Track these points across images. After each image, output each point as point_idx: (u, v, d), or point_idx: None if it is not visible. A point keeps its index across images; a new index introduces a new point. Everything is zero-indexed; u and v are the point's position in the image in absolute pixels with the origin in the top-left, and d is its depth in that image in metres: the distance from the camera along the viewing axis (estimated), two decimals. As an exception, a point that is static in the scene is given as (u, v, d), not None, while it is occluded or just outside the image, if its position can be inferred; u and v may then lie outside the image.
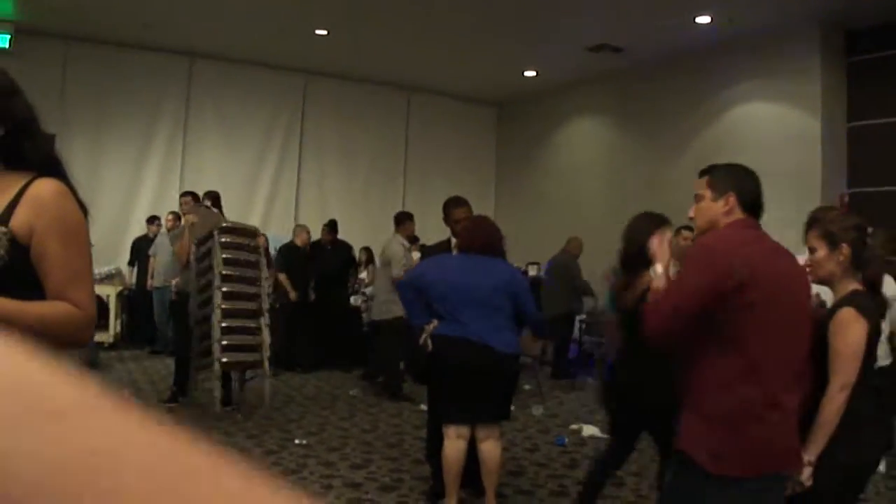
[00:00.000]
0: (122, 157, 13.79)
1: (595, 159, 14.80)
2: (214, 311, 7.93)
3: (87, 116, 13.31)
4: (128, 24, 12.57)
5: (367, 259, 13.24)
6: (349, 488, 5.96)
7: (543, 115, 16.01)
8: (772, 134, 11.51)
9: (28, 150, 2.16)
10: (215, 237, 8.07)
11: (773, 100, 11.69)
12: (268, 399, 8.33)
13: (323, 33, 12.64)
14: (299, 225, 12.45)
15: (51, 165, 2.21)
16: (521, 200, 16.25)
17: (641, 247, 4.20)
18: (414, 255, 11.27)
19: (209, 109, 14.53)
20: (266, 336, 8.28)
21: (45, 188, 2.12)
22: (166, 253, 11.74)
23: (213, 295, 7.97)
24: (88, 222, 2.23)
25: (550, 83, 15.14)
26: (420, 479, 6.19)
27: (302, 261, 11.49)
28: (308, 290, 11.53)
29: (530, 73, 14.71)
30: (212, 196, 9.21)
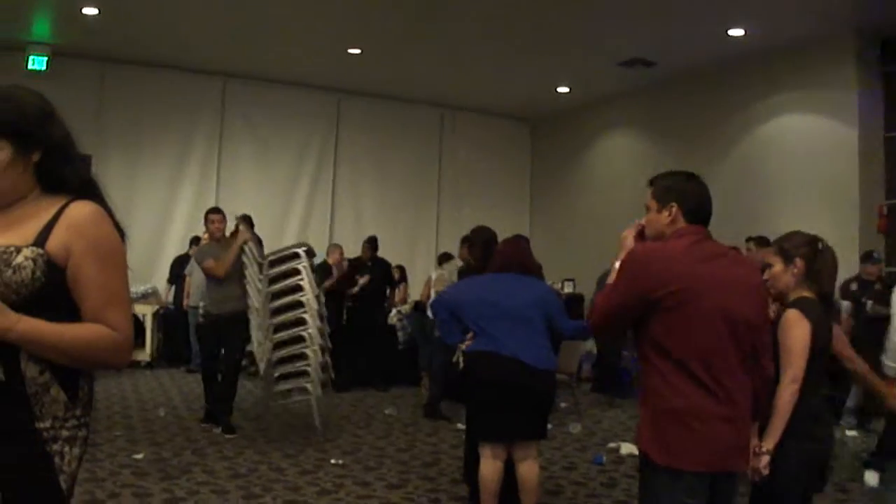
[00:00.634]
0: (158, 177, 13.91)
1: (630, 174, 14.70)
2: (264, 344, 7.98)
3: (123, 137, 13.43)
4: (162, 45, 12.70)
5: (401, 277, 13.26)
6: (386, 509, 5.95)
7: (577, 131, 15.96)
8: (808, 146, 11.40)
9: (65, 174, 2.17)
10: (265, 267, 8.10)
11: (808, 111, 11.57)
12: (318, 422, 8.27)
13: (356, 52, 12.69)
14: (333, 244, 12.49)
15: (88, 188, 2.22)
16: (556, 216, 16.20)
17: None
18: (444, 273, 11.27)
19: (243, 129, 14.61)
20: (315, 361, 8.24)
21: (81, 211, 2.12)
22: (201, 272, 11.85)
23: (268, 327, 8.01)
24: (125, 245, 2.23)
25: (583, 98, 15.11)
26: (457, 500, 6.15)
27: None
28: (343, 309, 11.56)
29: (563, 89, 14.67)
30: (246, 220, 9.15)
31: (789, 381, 3.51)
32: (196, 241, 12.73)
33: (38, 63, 12.32)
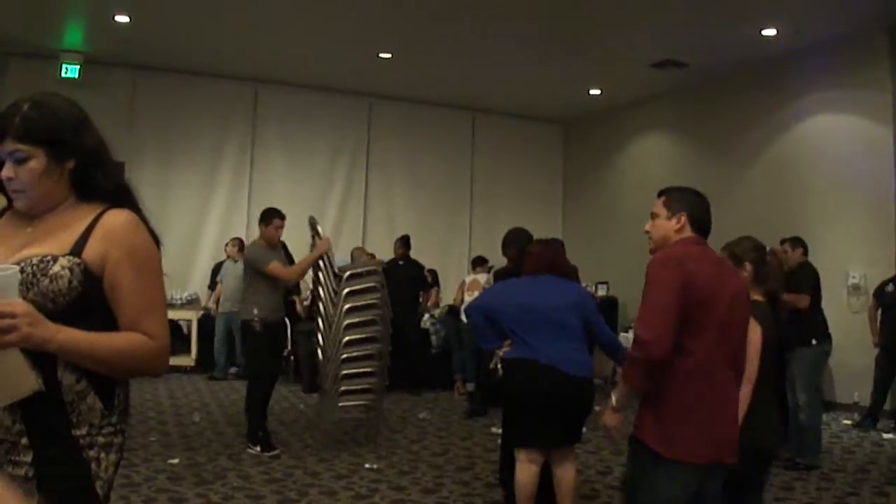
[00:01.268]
0: (191, 183, 13.99)
1: (663, 176, 14.54)
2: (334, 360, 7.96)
3: (156, 144, 13.54)
4: (194, 52, 12.79)
5: (433, 281, 13.23)
6: (421, 513, 5.94)
7: (610, 133, 15.90)
8: (843, 145, 11.30)
9: (99, 181, 2.18)
10: (343, 282, 8.00)
11: (842, 110, 11.46)
12: (368, 435, 8.32)
13: (387, 56, 12.70)
14: (357, 248, 12.48)
15: (122, 196, 2.23)
16: (589, 219, 16.13)
17: None
18: (478, 277, 11.25)
19: (275, 135, 14.67)
20: (383, 381, 8.28)
21: (117, 219, 2.13)
22: (232, 278, 11.92)
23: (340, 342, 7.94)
24: (160, 252, 2.24)
25: (616, 100, 15.05)
26: (492, 504, 6.14)
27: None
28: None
29: (595, 92, 14.62)
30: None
31: (745, 381, 3.74)
32: (241, 245, 12.69)
33: (70, 71, 12.45)
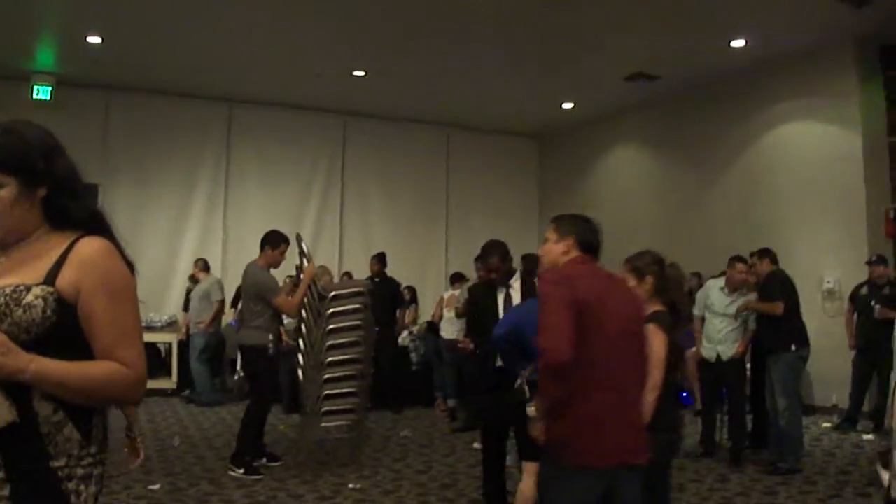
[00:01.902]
0: (166, 204, 13.92)
1: (637, 187, 14.73)
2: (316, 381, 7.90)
3: (130, 164, 13.46)
4: (167, 71, 12.74)
5: (412, 299, 13.19)
6: (405, 532, 5.92)
7: (584, 146, 15.98)
8: (813, 154, 11.44)
9: (72, 210, 2.16)
10: (327, 302, 7.92)
11: (812, 119, 11.60)
12: (350, 455, 8.32)
13: (360, 74, 12.71)
14: (321, 266, 12.41)
15: (95, 223, 2.20)
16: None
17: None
18: (455, 293, 11.22)
19: (250, 154, 14.64)
20: (364, 402, 8.27)
21: (90, 247, 2.11)
22: (197, 299, 11.94)
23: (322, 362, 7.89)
24: (135, 278, 2.21)
25: (589, 114, 15.13)
26: (476, 520, 6.13)
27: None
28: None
29: (568, 106, 14.71)
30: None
31: (651, 388, 4.00)
32: (205, 265, 12.66)
33: (42, 93, 12.40)
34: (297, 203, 14.99)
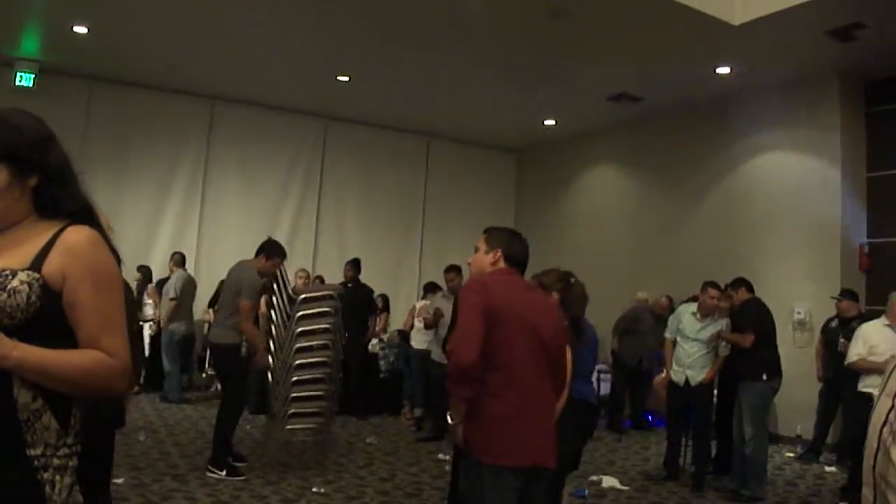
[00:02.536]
0: (143, 198, 13.81)
1: (615, 207, 14.79)
2: (284, 383, 7.89)
3: (109, 156, 13.33)
4: (152, 66, 12.67)
5: (384, 307, 13.16)
6: (368, 539, 5.91)
7: (563, 163, 16.02)
8: (792, 184, 11.52)
9: (62, 200, 2.15)
10: (297, 305, 7.95)
11: (793, 150, 11.69)
12: (316, 458, 8.30)
13: (345, 79, 12.70)
14: (301, 270, 12.41)
15: (84, 213, 2.19)
16: (541, 247, 15.97)
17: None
18: (427, 303, 11.21)
19: (230, 152, 14.56)
20: (332, 404, 8.28)
21: (77, 235, 2.10)
22: (164, 295, 11.89)
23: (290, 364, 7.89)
24: (121, 268, 2.20)
25: (570, 131, 15.19)
26: (439, 531, 6.12)
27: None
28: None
29: (550, 122, 14.75)
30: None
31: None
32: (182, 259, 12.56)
33: (25, 80, 12.29)
34: (274, 204, 14.93)
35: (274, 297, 8.01)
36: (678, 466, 8.49)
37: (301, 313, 7.90)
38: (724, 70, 11.16)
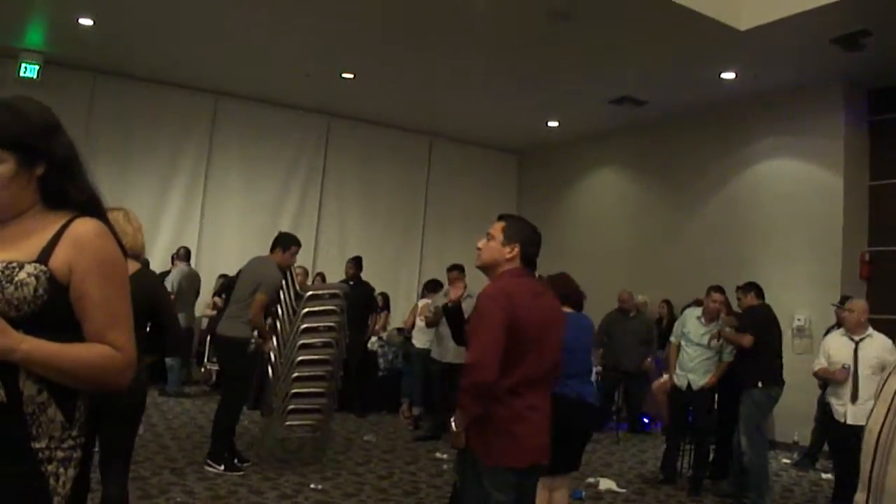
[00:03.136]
0: (145, 191, 13.75)
1: (616, 210, 14.79)
2: (286, 378, 7.89)
3: (112, 149, 13.29)
4: (156, 60, 12.67)
5: (384, 305, 13.14)
6: (365, 537, 5.91)
7: (565, 165, 16.02)
8: (794, 191, 11.52)
9: (69, 189, 2.13)
10: (303, 302, 7.95)
11: (795, 156, 11.69)
12: (316, 455, 8.32)
13: (349, 77, 12.70)
14: (299, 267, 12.40)
15: (91, 204, 2.18)
16: (542, 249, 16.11)
17: None
18: (428, 301, 11.19)
19: (232, 147, 14.56)
20: (332, 402, 8.28)
21: (85, 228, 2.09)
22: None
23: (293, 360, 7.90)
24: (127, 261, 2.20)
25: (573, 134, 15.20)
26: (436, 530, 6.13)
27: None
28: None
29: (553, 124, 14.76)
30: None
31: None
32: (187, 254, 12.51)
33: (29, 71, 12.28)
34: (276, 200, 14.93)
35: (281, 292, 7.99)
36: (676, 470, 8.50)
37: (306, 310, 7.91)
38: (728, 75, 11.17)
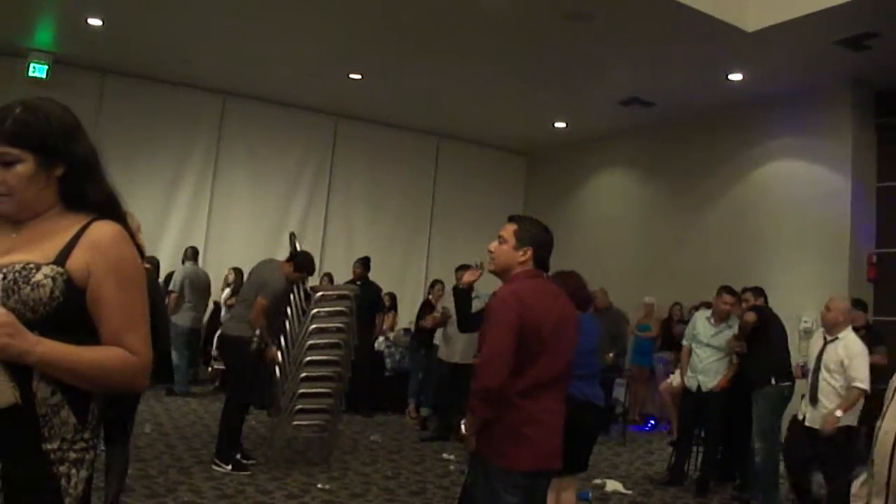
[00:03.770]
0: (152, 191, 13.76)
1: (623, 212, 14.78)
2: (294, 378, 7.91)
3: (120, 149, 13.24)
4: (164, 59, 12.70)
5: (391, 305, 13.11)
6: (372, 537, 5.92)
7: (573, 166, 16.01)
8: (801, 192, 11.50)
9: (88, 191, 2.14)
10: (312, 302, 7.99)
11: (803, 158, 11.67)
12: (323, 455, 8.31)
13: (357, 77, 12.72)
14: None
15: (110, 207, 2.18)
16: (549, 250, 16.15)
17: None
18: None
19: (240, 147, 14.58)
20: (339, 403, 8.30)
21: (103, 231, 2.09)
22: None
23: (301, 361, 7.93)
24: (144, 265, 2.21)
25: (580, 135, 15.18)
26: (443, 530, 6.14)
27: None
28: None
29: (560, 125, 14.75)
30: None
31: None
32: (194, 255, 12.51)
33: (38, 71, 12.34)
34: (283, 199, 14.95)
35: (290, 293, 8.02)
36: (683, 472, 8.48)
37: (316, 311, 7.92)
38: (736, 77, 11.15)
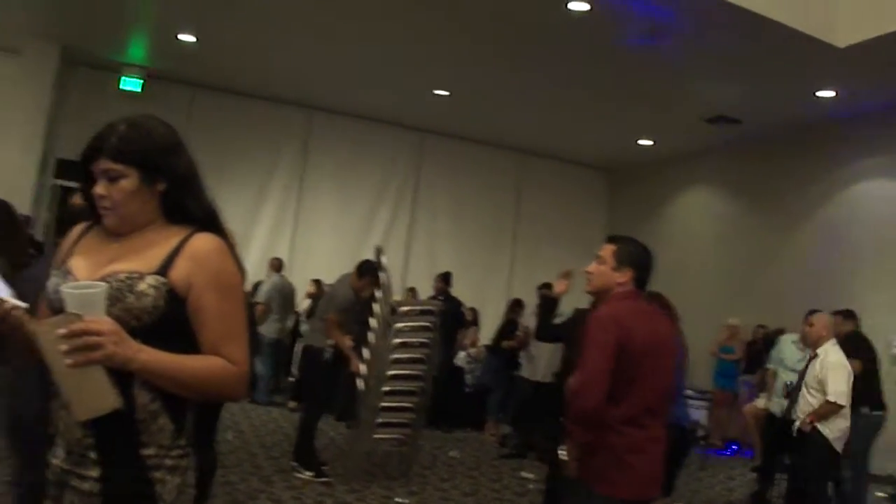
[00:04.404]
0: (239, 204, 13.94)
1: (708, 231, 14.60)
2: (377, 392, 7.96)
3: (208, 161, 13.26)
4: (253, 75, 12.97)
5: (473, 320, 13.10)
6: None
7: (657, 184, 15.88)
8: (891, 212, 11.21)
9: (189, 207, 2.20)
10: (398, 317, 8.05)
11: (894, 177, 11.39)
12: (403, 469, 8.33)
13: (443, 94, 12.79)
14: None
15: (211, 221, 2.24)
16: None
17: None
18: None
19: (326, 161, 14.77)
20: (421, 413, 8.30)
21: (204, 243, 2.15)
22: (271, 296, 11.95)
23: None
24: (244, 277, 2.27)
25: (665, 152, 15.06)
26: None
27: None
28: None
29: (645, 142, 14.64)
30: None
31: None
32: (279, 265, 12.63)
33: (131, 84, 12.68)
34: (368, 213, 15.12)
35: (374, 306, 8.07)
36: (766, 500, 8.28)
37: (400, 325, 7.98)
38: (826, 94, 10.93)
